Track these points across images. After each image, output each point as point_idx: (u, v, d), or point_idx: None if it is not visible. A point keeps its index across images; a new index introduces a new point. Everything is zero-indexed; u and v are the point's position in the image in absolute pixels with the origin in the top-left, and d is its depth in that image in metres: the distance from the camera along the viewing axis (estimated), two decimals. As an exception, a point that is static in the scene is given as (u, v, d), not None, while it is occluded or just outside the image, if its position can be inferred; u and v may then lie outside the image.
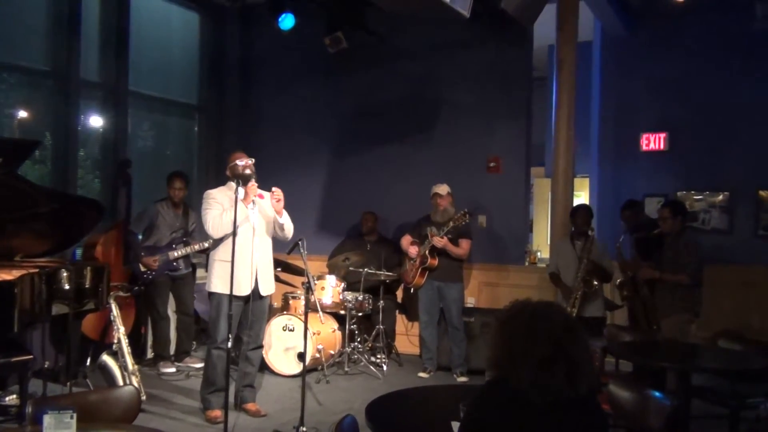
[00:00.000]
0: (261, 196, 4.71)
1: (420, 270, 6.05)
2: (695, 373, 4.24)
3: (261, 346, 5.01)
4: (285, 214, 4.77)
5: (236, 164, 4.72)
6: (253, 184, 4.61)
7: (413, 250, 6.14)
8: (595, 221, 5.86)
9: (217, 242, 4.72)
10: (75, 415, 2.23)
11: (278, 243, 5.35)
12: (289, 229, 4.82)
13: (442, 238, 5.90)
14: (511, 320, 2.07)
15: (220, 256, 4.67)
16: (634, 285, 5.49)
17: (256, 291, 4.69)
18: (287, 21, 6.98)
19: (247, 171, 4.65)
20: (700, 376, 4.40)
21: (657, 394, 2.98)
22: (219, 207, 4.63)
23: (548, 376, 1.94)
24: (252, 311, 4.71)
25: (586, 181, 8.48)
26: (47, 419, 2.20)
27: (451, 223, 5.89)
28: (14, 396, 4.59)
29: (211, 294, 4.73)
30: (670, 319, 4.96)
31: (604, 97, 7.50)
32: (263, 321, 4.94)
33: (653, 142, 7.10)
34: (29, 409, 2.54)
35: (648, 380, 4.45)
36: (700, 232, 6.74)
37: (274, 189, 4.67)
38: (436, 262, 5.99)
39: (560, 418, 1.98)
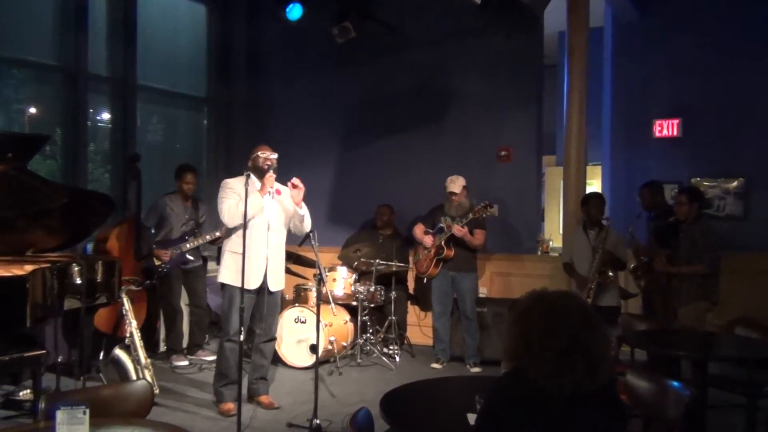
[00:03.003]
0: (279, 192, 4.69)
1: (435, 261, 6.01)
2: (712, 361, 4.19)
3: (274, 339, 5.00)
4: (304, 206, 4.75)
5: (258, 156, 4.68)
6: (271, 175, 4.59)
7: (428, 240, 6.09)
8: (608, 210, 5.80)
9: (230, 233, 4.70)
10: (88, 411, 2.21)
11: (289, 235, 5.34)
12: (308, 223, 4.79)
13: (462, 227, 5.84)
14: (528, 311, 2.03)
15: (231, 248, 4.66)
16: (650, 272, 5.43)
17: (265, 286, 4.67)
18: (295, 11, 6.94)
19: (267, 164, 4.64)
20: (716, 364, 4.35)
21: (675, 384, 2.94)
22: (236, 197, 4.58)
23: (567, 368, 1.90)
24: (264, 304, 4.72)
25: (598, 169, 8.39)
26: (60, 415, 2.19)
27: (470, 215, 5.83)
28: (28, 391, 4.61)
29: (222, 286, 4.72)
30: (687, 308, 4.90)
31: (615, 83, 7.41)
32: (276, 314, 4.94)
33: (666, 128, 7.01)
34: (42, 405, 2.54)
35: (663, 369, 4.41)
36: (715, 218, 6.65)
37: (294, 179, 4.64)
38: (452, 253, 5.94)
39: (579, 410, 1.95)
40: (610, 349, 2.07)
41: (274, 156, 4.69)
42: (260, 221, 4.62)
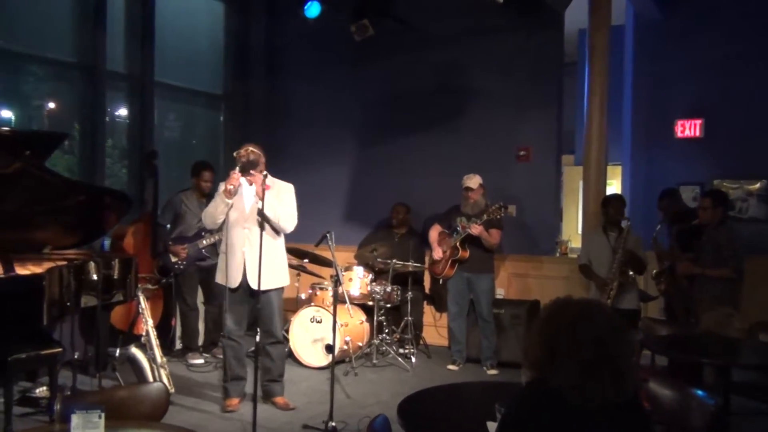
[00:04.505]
0: (268, 187, 4.50)
1: (450, 262, 5.95)
2: (735, 368, 4.11)
3: (279, 342, 4.85)
4: (273, 202, 4.50)
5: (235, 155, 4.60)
6: (233, 172, 4.43)
7: (438, 252, 6.03)
8: (627, 211, 5.72)
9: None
10: (103, 415, 2.20)
11: (306, 234, 5.30)
12: (277, 218, 4.53)
13: (479, 225, 5.77)
14: (552, 320, 1.97)
15: (221, 247, 4.80)
16: (672, 276, 5.34)
17: (245, 284, 4.60)
18: (313, 9, 6.92)
19: (242, 160, 4.48)
20: (739, 370, 4.26)
21: (699, 392, 2.88)
22: (218, 198, 4.64)
23: (592, 380, 1.85)
24: (257, 304, 4.58)
25: (618, 169, 8.29)
26: (75, 419, 2.17)
27: (485, 216, 5.76)
28: (44, 388, 4.62)
29: None
30: (710, 313, 4.81)
31: (637, 82, 7.31)
32: (273, 315, 4.71)
33: (688, 128, 6.90)
34: (58, 406, 2.52)
35: (684, 374, 4.34)
36: (737, 221, 6.54)
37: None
38: (467, 254, 5.88)
39: (603, 421, 1.89)
40: (636, 360, 2.01)
41: (249, 150, 4.52)
42: (237, 219, 4.58)
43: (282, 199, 4.65)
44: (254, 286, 4.51)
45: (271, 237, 4.60)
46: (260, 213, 4.35)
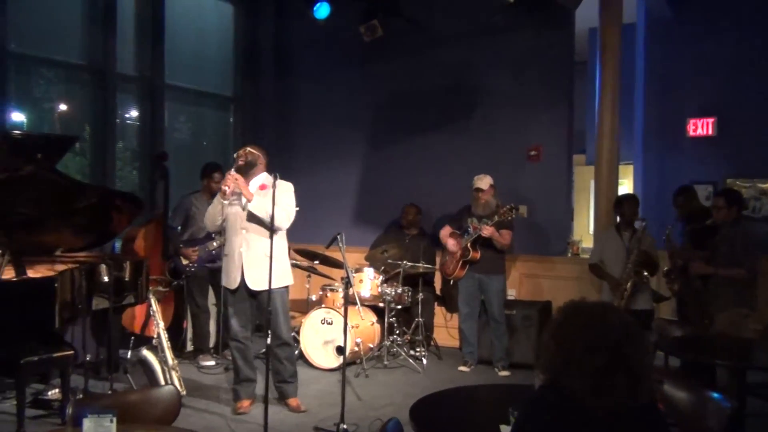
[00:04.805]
0: (263, 187, 4.53)
1: (461, 263, 5.92)
2: (750, 370, 4.07)
3: (286, 343, 4.78)
4: (257, 201, 4.45)
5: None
6: (228, 173, 4.53)
7: (452, 244, 6.01)
8: (639, 210, 5.68)
9: None
10: (115, 419, 2.20)
11: (316, 235, 5.29)
12: (275, 218, 4.34)
13: (490, 227, 5.74)
14: (565, 323, 1.94)
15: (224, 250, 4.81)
16: (685, 276, 5.28)
17: (244, 286, 4.59)
18: (322, 10, 6.92)
19: (240, 162, 4.57)
20: (754, 371, 4.22)
21: (716, 395, 2.84)
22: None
23: (607, 385, 1.82)
24: (260, 306, 4.65)
25: (630, 169, 8.24)
26: (87, 423, 2.18)
27: (496, 218, 5.73)
28: (56, 390, 4.63)
29: None
30: (725, 314, 4.75)
31: (648, 81, 7.26)
32: (276, 317, 4.62)
33: (701, 127, 6.84)
34: (70, 409, 2.52)
35: (698, 375, 4.29)
36: (751, 220, 6.48)
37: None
38: (478, 255, 5.85)
39: (619, 425, 1.87)
40: (652, 364, 1.98)
41: (247, 151, 4.61)
42: (235, 221, 4.61)
43: (276, 199, 4.54)
44: (252, 286, 4.57)
45: (267, 237, 4.48)
46: (249, 215, 4.52)
